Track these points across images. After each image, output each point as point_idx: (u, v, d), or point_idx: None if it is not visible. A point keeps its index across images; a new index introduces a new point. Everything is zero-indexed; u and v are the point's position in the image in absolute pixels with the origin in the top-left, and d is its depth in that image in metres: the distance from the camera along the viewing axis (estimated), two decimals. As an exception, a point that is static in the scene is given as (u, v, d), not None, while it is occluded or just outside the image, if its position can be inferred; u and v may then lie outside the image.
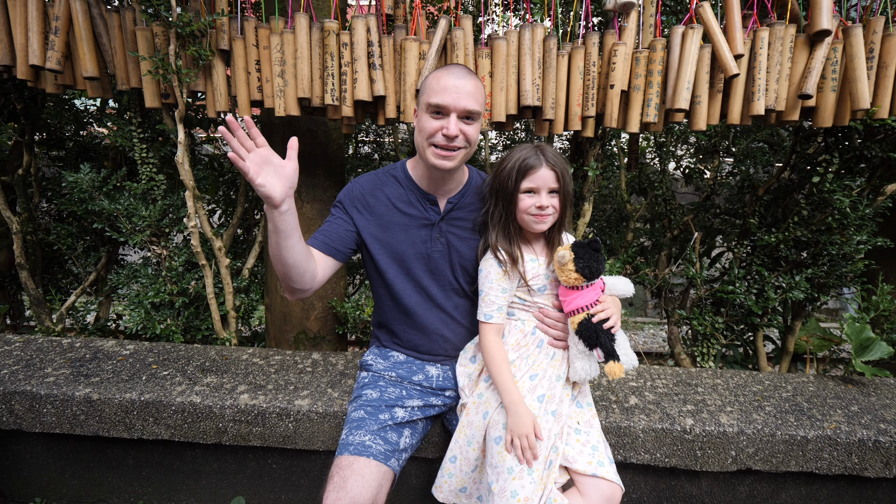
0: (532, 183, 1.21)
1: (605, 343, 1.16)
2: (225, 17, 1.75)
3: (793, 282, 2.03)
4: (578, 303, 1.20)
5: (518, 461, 1.12)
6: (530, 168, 1.21)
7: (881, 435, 1.41)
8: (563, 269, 1.20)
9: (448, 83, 1.21)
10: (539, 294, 1.28)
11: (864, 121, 1.73)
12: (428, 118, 1.23)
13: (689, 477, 1.52)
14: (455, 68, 1.25)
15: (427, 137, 1.24)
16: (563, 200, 1.24)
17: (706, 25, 1.66)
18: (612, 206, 3.08)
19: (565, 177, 1.22)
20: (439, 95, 1.20)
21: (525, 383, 1.22)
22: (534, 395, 1.21)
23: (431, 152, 1.24)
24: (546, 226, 1.24)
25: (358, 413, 1.30)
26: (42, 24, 1.72)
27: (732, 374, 1.77)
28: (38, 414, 1.51)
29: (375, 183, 1.38)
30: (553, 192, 1.22)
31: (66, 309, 2.41)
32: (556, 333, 1.28)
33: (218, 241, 2.09)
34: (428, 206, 1.36)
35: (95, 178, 2.11)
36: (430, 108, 1.23)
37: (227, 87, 1.82)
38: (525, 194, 1.23)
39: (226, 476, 1.61)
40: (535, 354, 1.26)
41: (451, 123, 1.21)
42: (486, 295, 1.26)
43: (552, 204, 1.22)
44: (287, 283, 1.22)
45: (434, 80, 1.24)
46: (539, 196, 1.21)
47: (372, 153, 3.51)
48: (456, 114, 1.21)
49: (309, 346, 2.20)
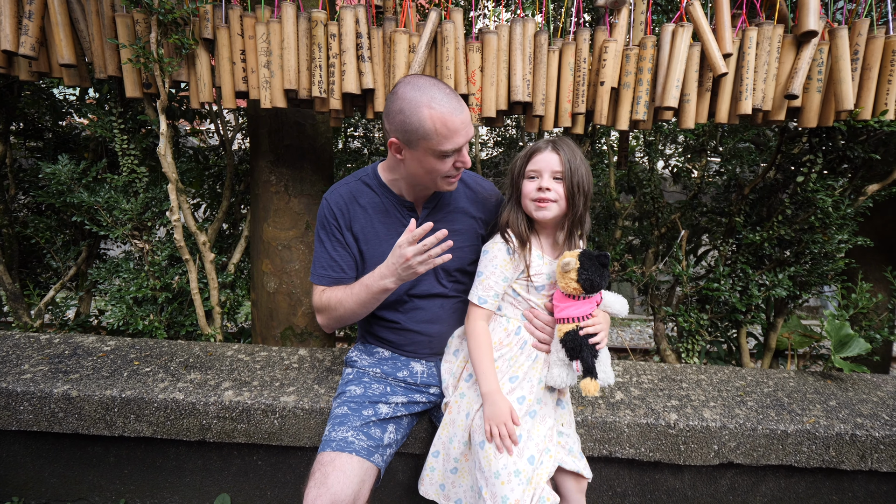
0: (535, 165, 1.21)
1: (587, 358, 1.16)
2: (209, 5, 1.70)
3: (776, 279, 2.06)
4: (571, 313, 1.18)
5: (497, 450, 1.12)
6: (535, 150, 1.22)
7: (857, 429, 1.45)
8: (565, 276, 1.17)
9: (456, 122, 1.14)
10: (536, 293, 1.27)
11: (848, 122, 1.76)
12: (438, 161, 1.19)
13: (672, 471, 1.54)
14: (449, 100, 1.15)
15: (438, 174, 1.22)
16: (570, 191, 1.19)
17: (696, 24, 1.67)
18: (601, 204, 3.10)
19: (573, 165, 1.19)
20: (453, 140, 1.16)
21: (505, 385, 1.21)
22: (513, 396, 1.20)
23: (442, 182, 1.24)
24: (548, 213, 1.21)
25: (341, 409, 1.29)
26: (15, 8, 1.65)
27: (716, 369, 1.80)
28: (14, 412, 1.47)
29: (349, 196, 1.34)
30: (557, 178, 1.20)
31: (44, 304, 2.35)
32: (542, 336, 1.27)
33: (202, 235, 2.05)
34: (405, 212, 1.34)
35: (74, 169, 2.05)
36: (442, 154, 1.17)
37: (211, 78, 1.78)
38: (528, 179, 1.22)
39: (210, 473, 1.59)
40: (517, 356, 1.25)
41: (464, 156, 1.21)
42: (486, 279, 1.24)
43: (555, 189, 1.19)
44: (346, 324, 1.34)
45: (440, 124, 1.13)
46: (541, 179, 1.20)
47: (361, 148, 3.47)
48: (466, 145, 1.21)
49: (296, 342, 2.17)
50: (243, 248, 2.30)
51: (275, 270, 2.12)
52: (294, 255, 2.11)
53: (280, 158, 2.05)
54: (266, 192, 2.09)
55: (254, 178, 2.14)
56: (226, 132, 2.34)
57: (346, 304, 1.27)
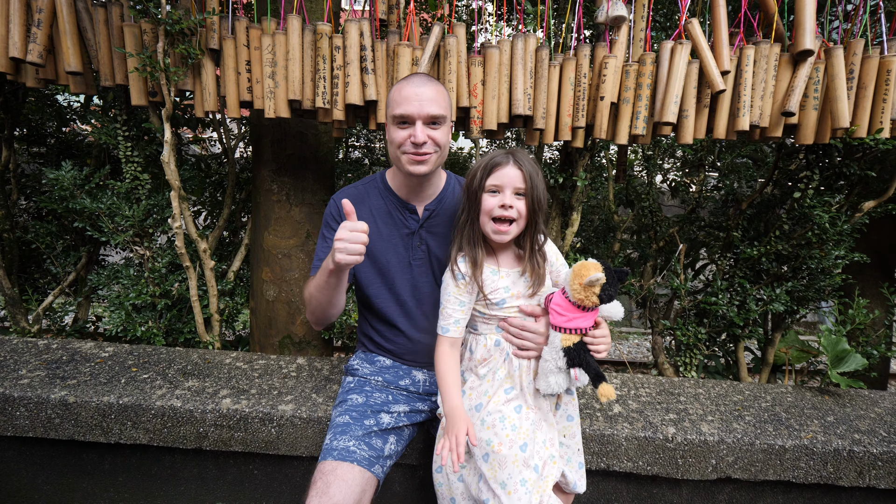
0: (497, 180, 1.16)
1: (596, 367, 1.15)
2: (215, 16, 1.73)
3: (773, 294, 2.07)
4: (580, 324, 1.15)
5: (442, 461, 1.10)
6: (496, 165, 1.17)
7: (855, 445, 1.44)
8: (587, 290, 1.12)
9: (409, 92, 1.23)
10: (498, 308, 1.24)
11: (844, 139, 1.78)
12: (396, 129, 1.25)
13: (670, 485, 1.53)
14: (414, 77, 1.27)
15: (397, 147, 1.26)
16: (531, 206, 1.17)
17: (694, 42, 1.70)
18: (599, 217, 3.12)
19: (534, 180, 1.16)
20: (402, 106, 1.23)
21: (500, 396, 1.21)
22: (510, 406, 1.19)
23: (405, 159, 1.26)
24: (507, 237, 1.18)
25: (343, 418, 1.28)
26: (24, 16, 1.68)
27: (714, 383, 1.80)
28: (10, 417, 1.46)
29: (356, 197, 1.38)
30: (519, 194, 1.17)
31: (42, 309, 2.35)
32: (523, 343, 1.23)
33: (203, 242, 2.06)
34: (407, 214, 1.37)
35: (77, 175, 2.06)
36: (395, 119, 1.25)
37: (216, 87, 1.80)
38: (489, 194, 1.18)
39: (206, 482, 1.57)
40: (504, 367, 1.24)
41: (417, 131, 1.22)
42: (444, 308, 1.24)
43: (517, 206, 1.16)
44: (326, 320, 1.36)
45: (396, 92, 1.26)
46: (503, 195, 1.16)
47: (362, 158, 3.50)
48: (421, 121, 1.23)
49: (294, 350, 2.17)
50: (243, 256, 2.31)
51: (274, 279, 2.12)
52: (294, 263, 2.12)
53: (282, 167, 2.06)
54: (267, 200, 2.10)
55: (255, 187, 2.16)
56: (228, 141, 2.36)
57: (312, 293, 1.32)
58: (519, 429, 1.16)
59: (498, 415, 1.18)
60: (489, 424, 1.17)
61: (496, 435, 1.15)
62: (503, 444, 1.13)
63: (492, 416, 1.18)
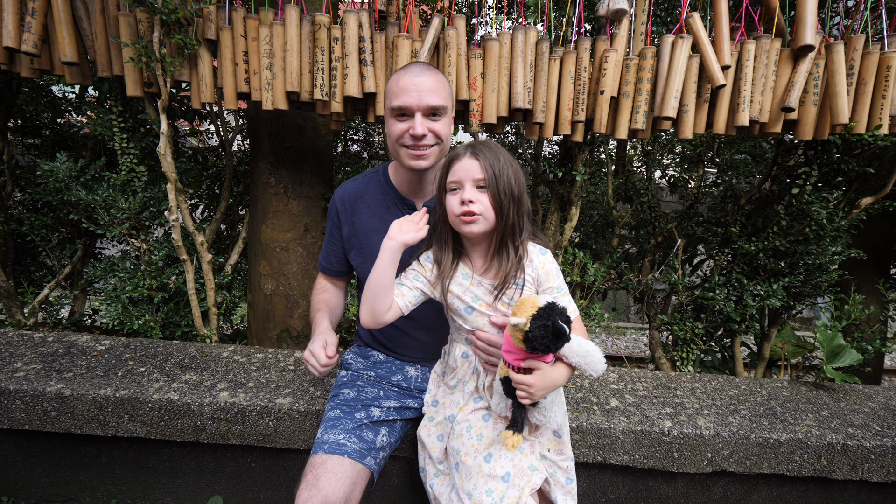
0: (455, 175, 1.07)
1: (517, 412, 1.06)
2: (212, 6, 1.71)
3: (770, 290, 2.08)
4: (510, 359, 1.03)
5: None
6: (454, 158, 1.08)
7: (849, 439, 1.46)
8: (514, 330, 0.98)
9: (407, 82, 1.17)
10: (462, 319, 1.16)
11: (843, 135, 1.78)
12: (394, 122, 1.20)
13: (665, 478, 1.55)
14: (413, 66, 1.21)
15: (396, 141, 1.21)
16: (496, 199, 1.05)
17: (695, 36, 1.69)
18: (598, 212, 3.12)
19: (496, 170, 1.04)
20: (400, 97, 1.18)
21: (470, 405, 1.19)
22: (478, 414, 1.17)
23: (405, 154, 1.22)
24: (475, 228, 1.06)
25: (334, 412, 1.29)
26: (18, 5, 1.65)
27: (710, 378, 1.81)
28: (6, 410, 1.45)
29: (357, 191, 1.37)
30: (480, 187, 1.06)
31: (38, 302, 2.33)
32: (488, 358, 1.16)
33: (200, 235, 2.05)
34: (406, 210, 1.35)
35: (73, 167, 2.04)
36: (394, 111, 1.20)
37: (213, 78, 1.78)
38: (450, 193, 1.08)
39: (203, 475, 1.57)
40: (473, 380, 1.21)
41: (416, 123, 1.17)
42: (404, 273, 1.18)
43: (479, 200, 1.05)
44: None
45: (393, 82, 1.20)
46: (462, 190, 1.06)
47: (361, 152, 3.48)
48: (420, 112, 1.18)
49: (292, 344, 2.17)
50: (241, 250, 2.30)
51: (272, 272, 2.12)
52: (292, 257, 2.11)
53: (280, 160, 2.05)
54: (265, 193, 2.09)
55: (253, 180, 2.14)
56: (226, 133, 2.34)
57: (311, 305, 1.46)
58: (484, 438, 1.12)
59: (465, 424, 1.16)
60: (458, 434, 1.15)
61: (463, 445, 1.13)
62: (468, 455, 1.11)
63: (460, 426, 1.16)
